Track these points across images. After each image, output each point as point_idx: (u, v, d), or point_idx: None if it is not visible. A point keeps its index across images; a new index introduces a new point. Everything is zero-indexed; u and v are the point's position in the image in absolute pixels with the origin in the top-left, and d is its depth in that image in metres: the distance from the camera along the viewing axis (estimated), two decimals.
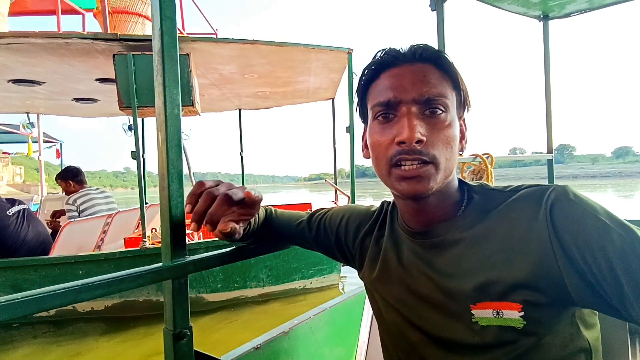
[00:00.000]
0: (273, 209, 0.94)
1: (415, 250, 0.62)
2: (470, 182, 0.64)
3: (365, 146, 0.64)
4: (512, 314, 0.50)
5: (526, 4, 2.12)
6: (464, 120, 0.61)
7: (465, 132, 0.62)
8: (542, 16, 2.27)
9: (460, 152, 0.61)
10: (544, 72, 2.33)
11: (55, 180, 3.76)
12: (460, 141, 0.60)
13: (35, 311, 0.52)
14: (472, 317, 0.53)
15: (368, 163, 0.63)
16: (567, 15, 2.22)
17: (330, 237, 0.81)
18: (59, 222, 3.80)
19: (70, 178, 3.68)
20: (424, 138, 0.54)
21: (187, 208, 0.62)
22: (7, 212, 3.08)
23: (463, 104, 0.59)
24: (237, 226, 0.63)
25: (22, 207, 3.23)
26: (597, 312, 0.55)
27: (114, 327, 3.22)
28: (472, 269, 0.54)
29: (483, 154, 1.93)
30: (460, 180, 0.63)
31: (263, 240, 0.86)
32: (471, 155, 1.97)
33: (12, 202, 3.23)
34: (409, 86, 0.55)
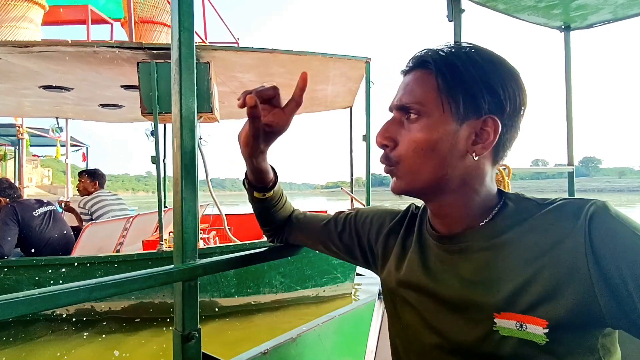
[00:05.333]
0: (297, 210, 0.96)
1: (441, 255, 0.62)
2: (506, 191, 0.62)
3: None
4: (537, 329, 0.49)
5: (547, 15, 2.09)
6: (484, 123, 0.55)
7: (483, 137, 0.56)
8: (563, 27, 2.23)
9: (475, 158, 0.56)
10: (565, 83, 2.28)
11: (80, 174, 3.89)
12: (473, 144, 0.56)
13: (52, 307, 0.55)
14: (494, 325, 0.52)
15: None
16: (590, 26, 2.18)
17: (353, 235, 0.81)
18: (69, 202, 4.03)
19: (98, 179, 3.85)
20: (387, 142, 0.59)
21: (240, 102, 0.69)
22: (34, 213, 3.22)
23: (472, 106, 0.55)
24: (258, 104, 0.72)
25: (49, 208, 3.37)
26: (617, 340, 0.53)
27: (129, 328, 3.29)
28: (499, 277, 0.53)
29: (500, 165, 1.89)
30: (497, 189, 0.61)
31: (281, 226, 0.91)
32: None
33: (41, 203, 3.38)
34: (397, 94, 0.60)
